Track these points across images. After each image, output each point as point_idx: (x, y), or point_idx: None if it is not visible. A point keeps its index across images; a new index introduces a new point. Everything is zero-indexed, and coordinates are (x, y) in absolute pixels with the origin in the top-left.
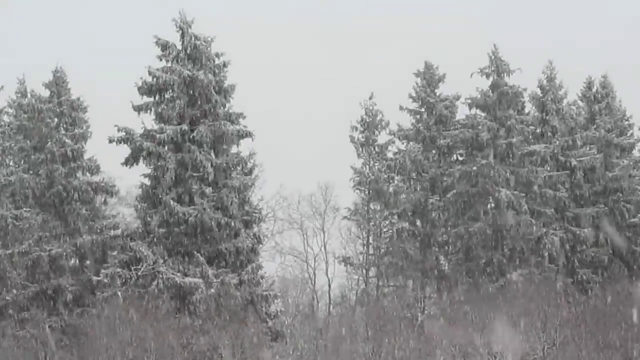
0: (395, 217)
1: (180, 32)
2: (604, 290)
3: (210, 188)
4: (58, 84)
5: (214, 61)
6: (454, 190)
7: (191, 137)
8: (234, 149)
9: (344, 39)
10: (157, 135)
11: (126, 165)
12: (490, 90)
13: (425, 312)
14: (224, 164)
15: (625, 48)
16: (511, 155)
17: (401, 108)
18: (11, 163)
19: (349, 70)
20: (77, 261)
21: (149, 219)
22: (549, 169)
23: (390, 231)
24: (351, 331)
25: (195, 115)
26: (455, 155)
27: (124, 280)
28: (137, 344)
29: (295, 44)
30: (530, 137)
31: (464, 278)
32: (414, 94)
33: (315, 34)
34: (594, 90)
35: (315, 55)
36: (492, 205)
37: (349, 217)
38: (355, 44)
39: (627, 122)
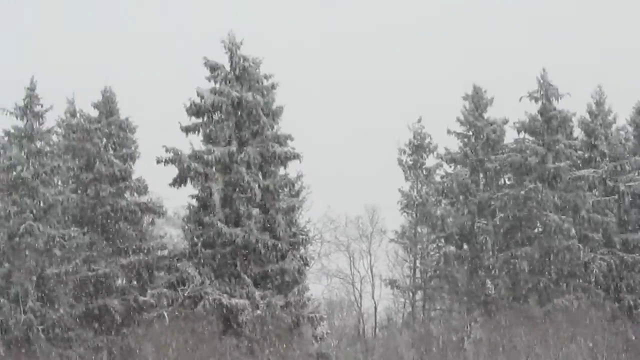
0: (442, 240)
1: (229, 53)
2: None
3: (258, 209)
4: (107, 104)
5: (262, 83)
6: (502, 214)
7: (239, 158)
8: (281, 171)
9: (392, 57)
10: (205, 156)
11: (174, 186)
12: (539, 115)
13: (472, 336)
14: (272, 186)
15: None
16: (559, 180)
17: (449, 132)
18: (59, 183)
19: (399, 90)
20: (124, 281)
21: (196, 239)
22: (597, 193)
23: (437, 254)
24: (397, 354)
25: (244, 137)
26: (503, 179)
27: (170, 301)
28: None
29: (344, 65)
30: (579, 161)
31: (511, 302)
32: (461, 118)
33: (362, 54)
34: None
35: (364, 76)
36: (540, 229)
37: (396, 240)
38: (404, 63)
39: None
